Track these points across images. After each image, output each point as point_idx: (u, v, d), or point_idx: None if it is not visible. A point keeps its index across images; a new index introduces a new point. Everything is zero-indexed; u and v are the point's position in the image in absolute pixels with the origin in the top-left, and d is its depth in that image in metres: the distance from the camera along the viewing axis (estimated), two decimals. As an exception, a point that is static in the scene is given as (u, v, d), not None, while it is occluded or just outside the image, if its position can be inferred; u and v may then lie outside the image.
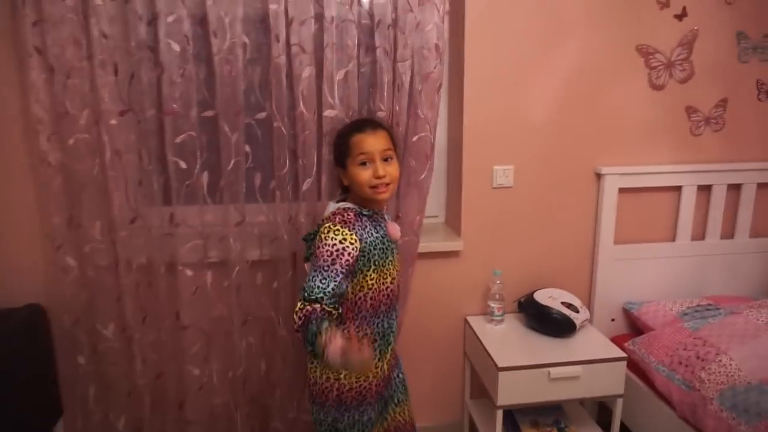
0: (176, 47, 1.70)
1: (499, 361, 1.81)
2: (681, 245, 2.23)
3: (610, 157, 2.14)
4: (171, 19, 1.68)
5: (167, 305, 1.88)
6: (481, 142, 2.04)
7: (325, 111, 1.79)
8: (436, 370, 2.21)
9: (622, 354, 1.89)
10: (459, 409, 2.29)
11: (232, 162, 1.80)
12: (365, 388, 1.51)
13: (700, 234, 2.25)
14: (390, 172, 1.45)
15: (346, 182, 1.51)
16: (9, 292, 1.82)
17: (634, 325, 2.21)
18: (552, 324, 1.97)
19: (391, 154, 1.48)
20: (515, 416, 2.02)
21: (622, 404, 1.90)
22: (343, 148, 1.48)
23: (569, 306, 1.99)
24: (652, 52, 2.08)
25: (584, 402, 2.20)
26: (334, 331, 1.24)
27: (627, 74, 2.08)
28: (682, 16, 2.07)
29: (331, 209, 1.50)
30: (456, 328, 2.20)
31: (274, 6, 1.70)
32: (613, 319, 2.25)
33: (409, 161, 1.88)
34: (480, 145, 2.04)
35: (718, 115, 2.18)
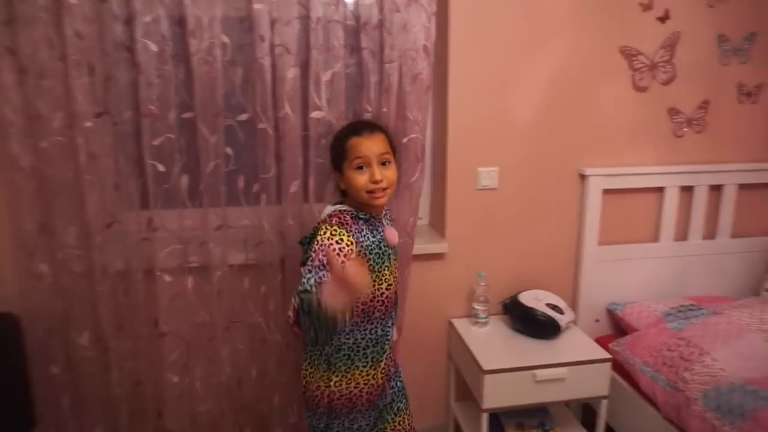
0: (154, 47, 1.66)
1: (485, 364, 1.80)
2: (664, 246, 2.24)
3: (594, 159, 2.15)
4: (148, 19, 1.63)
5: (145, 312, 1.84)
6: (466, 143, 2.03)
7: (313, 112, 1.77)
8: (420, 373, 2.20)
9: (607, 355, 1.89)
10: (444, 411, 2.28)
11: (212, 165, 1.77)
12: (355, 396, 1.48)
13: (682, 235, 2.27)
14: (387, 176, 1.42)
15: (343, 186, 1.48)
16: (-20, 301, 1.76)
17: (619, 326, 2.22)
18: (537, 326, 1.97)
19: (389, 157, 1.45)
20: (500, 419, 2.02)
21: (607, 405, 1.90)
22: (340, 152, 1.45)
23: (554, 307, 1.99)
24: (636, 54, 2.08)
25: (569, 403, 2.20)
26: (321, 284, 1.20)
27: (611, 76, 2.09)
28: (664, 18, 2.08)
29: (328, 211, 1.48)
30: (440, 331, 2.19)
31: (258, 6, 1.67)
32: (598, 320, 2.25)
33: (400, 163, 1.86)
34: (464, 147, 2.03)
35: (700, 117, 2.20)
